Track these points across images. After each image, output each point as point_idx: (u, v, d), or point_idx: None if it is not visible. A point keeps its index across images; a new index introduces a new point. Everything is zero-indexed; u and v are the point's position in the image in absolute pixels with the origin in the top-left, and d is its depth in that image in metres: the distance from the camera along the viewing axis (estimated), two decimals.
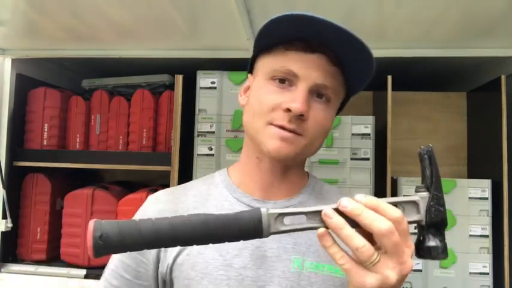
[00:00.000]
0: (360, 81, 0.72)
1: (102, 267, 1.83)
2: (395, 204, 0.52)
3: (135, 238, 0.46)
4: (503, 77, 1.48)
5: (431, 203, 0.52)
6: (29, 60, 1.75)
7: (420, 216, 0.52)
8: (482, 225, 1.49)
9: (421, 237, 0.52)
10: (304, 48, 0.67)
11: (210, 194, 0.76)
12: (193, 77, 1.63)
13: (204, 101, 1.61)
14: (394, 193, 1.53)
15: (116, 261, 0.75)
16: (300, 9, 1.14)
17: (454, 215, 1.50)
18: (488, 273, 1.47)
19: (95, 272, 1.63)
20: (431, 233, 0.52)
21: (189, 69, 1.60)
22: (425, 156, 0.53)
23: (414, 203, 0.52)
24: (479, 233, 1.49)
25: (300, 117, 0.66)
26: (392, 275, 0.48)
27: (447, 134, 1.77)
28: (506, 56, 1.51)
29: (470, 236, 1.49)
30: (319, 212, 0.50)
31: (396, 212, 0.49)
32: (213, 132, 1.59)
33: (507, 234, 1.43)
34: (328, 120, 0.70)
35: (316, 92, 0.68)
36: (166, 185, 1.63)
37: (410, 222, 0.52)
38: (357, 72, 0.69)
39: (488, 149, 1.58)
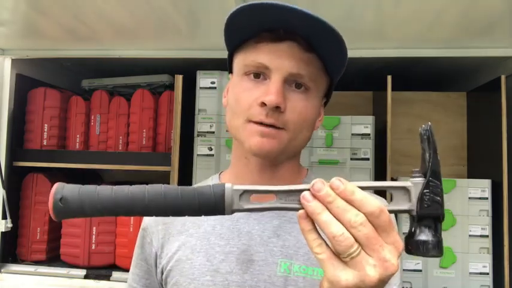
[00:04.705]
0: (337, 63, 0.68)
1: (102, 268, 1.83)
2: (382, 189, 0.47)
3: (94, 205, 0.45)
4: (503, 77, 1.48)
5: (425, 191, 0.45)
6: (29, 60, 1.75)
7: (411, 205, 0.45)
8: (482, 225, 1.49)
9: (412, 230, 0.46)
10: (273, 39, 0.65)
11: None
12: (193, 77, 1.63)
13: (204, 101, 1.61)
14: None
15: (129, 274, 0.79)
16: None
17: (454, 215, 1.49)
18: (488, 273, 1.47)
19: (94, 272, 1.64)
20: (423, 226, 0.45)
21: (189, 69, 1.60)
22: (424, 136, 0.46)
23: (405, 190, 0.46)
24: (479, 233, 1.49)
25: (277, 110, 0.63)
26: (372, 273, 0.41)
27: (447, 134, 1.77)
28: (506, 56, 1.51)
29: (470, 236, 1.49)
30: (291, 191, 0.46)
31: (372, 206, 0.42)
32: (213, 132, 1.58)
33: (507, 234, 1.43)
34: (310, 110, 0.67)
35: (292, 82, 0.66)
36: None
37: (398, 212, 0.46)
38: (331, 54, 0.66)
39: (488, 149, 1.58)
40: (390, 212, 0.46)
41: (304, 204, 0.45)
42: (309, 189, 0.45)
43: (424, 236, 0.45)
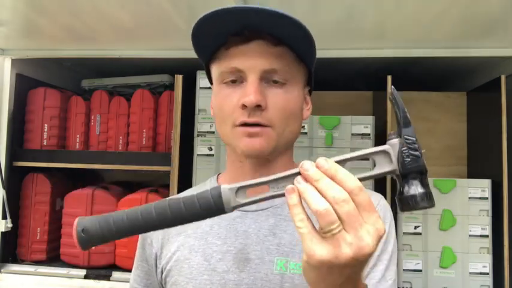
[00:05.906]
0: (307, 52, 0.70)
1: (101, 268, 1.83)
2: (364, 157, 0.49)
3: (111, 230, 0.50)
4: (503, 77, 1.48)
5: (403, 149, 0.47)
6: (29, 60, 1.75)
7: (393, 165, 0.47)
8: (482, 225, 1.49)
9: (400, 189, 0.47)
10: (241, 41, 0.66)
11: None
12: (193, 77, 1.63)
13: (204, 101, 1.61)
14: (395, 193, 1.53)
15: (131, 275, 0.80)
16: (299, 8, 1.14)
17: (454, 215, 1.50)
18: (488, 273, 1.47)
19: (94, 272, 1.63)
20: (408, 182, 0.47)
21: (189, 69, 1.60)
22: (392, 100, 0.49)
23: (385, 153, 0.48)
24: (479, 233, 1.49)
25: (259, 108, 0.65)
26: (347, 251, 0.43)
27: (447, 134, 1.77)
28: (506, 56, 1.51)
29: (470, 236, 1.49)
30: (280, 178, 0.49)
31: (353, 183, 0.45)
32: (213, 132, 1.58)
33: (507, 234, 1.43)
34: (292, 102, 0.69)
35: (269, 79, 0.67)
36: (166, 185, 1.63)
37: (383, 174, 0.48)
38: (300, 44, 0.67)
39: (488, 149, 1.58)
40: (376, 176, 0.49)
41: (295, 185, 0.47)
42: (298, 173, 0.47)
43: (411, 190, 0.46)
